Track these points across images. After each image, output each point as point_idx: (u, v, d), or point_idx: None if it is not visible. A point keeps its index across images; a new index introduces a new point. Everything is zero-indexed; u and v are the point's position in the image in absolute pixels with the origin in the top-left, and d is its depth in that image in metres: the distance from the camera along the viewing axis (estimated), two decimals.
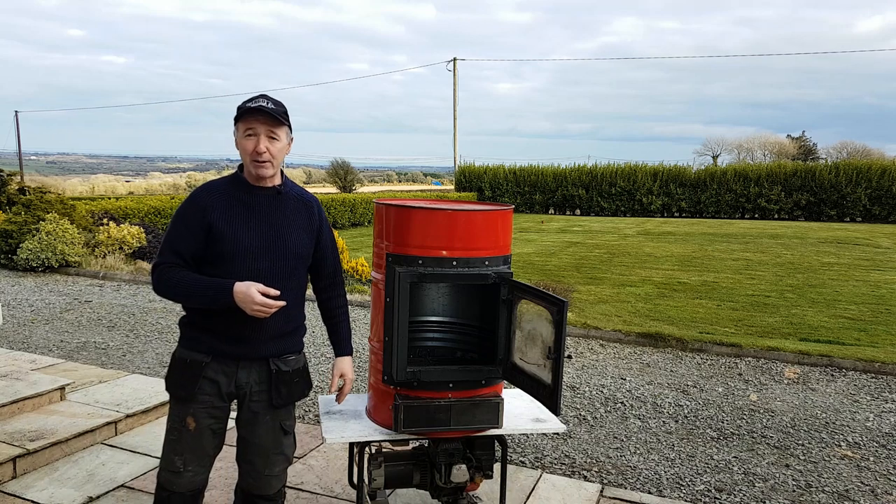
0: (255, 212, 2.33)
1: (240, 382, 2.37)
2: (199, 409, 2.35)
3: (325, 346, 6.58)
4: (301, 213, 2.43)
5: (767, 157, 57.02)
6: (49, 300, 8.63)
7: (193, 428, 2.35)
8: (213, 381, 2.34)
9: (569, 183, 32.41)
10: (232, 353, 2.35)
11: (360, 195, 26.20)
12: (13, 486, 3.40)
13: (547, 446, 4.27)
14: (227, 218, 2.29)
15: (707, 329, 7.42)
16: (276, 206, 2.37)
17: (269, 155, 2.26)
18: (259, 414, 2.41)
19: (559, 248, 16.01)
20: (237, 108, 2.27)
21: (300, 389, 2.49)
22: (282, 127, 2.29)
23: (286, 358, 2.44)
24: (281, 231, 2.36)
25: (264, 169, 2.29)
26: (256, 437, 2.43)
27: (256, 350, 2.36)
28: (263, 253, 2.32)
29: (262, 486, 2.48)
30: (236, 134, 2.30)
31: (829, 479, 3.89)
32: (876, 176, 27.90)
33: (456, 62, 36.19)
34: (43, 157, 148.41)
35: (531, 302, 2.48)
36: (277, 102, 2.29)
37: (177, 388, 2.38)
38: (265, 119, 2.24)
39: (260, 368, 2.39)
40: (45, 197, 12.81)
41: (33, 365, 4.95)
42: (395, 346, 2.51)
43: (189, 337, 2.39)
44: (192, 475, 2.39)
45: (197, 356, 2.34)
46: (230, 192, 2.34)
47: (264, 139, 2.25)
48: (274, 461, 2.47)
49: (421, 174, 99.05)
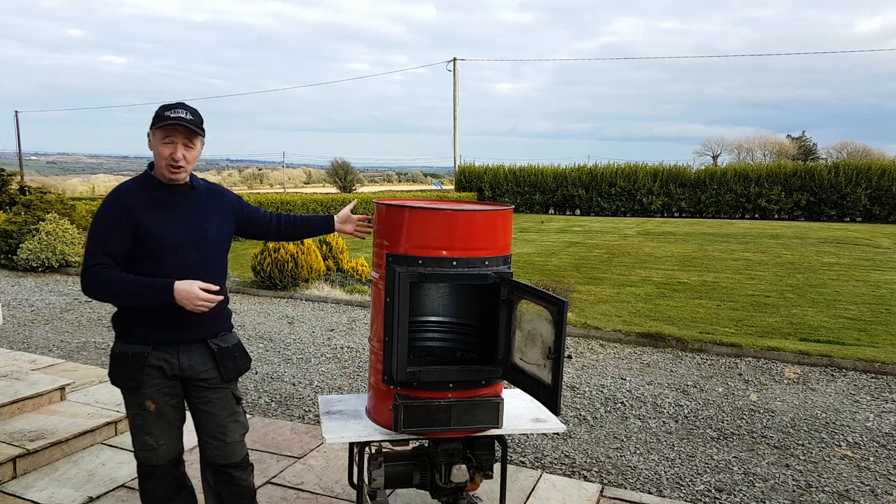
0: (176, 208, 2.46)
1: (182, 366, 2.49)
2: (153, 391, 2.46)
3: (324, 347, 6.58)
4: (214, 203, 2.59)
5: (767, 157, 57.04)
6: (49, 300, 8.63)
7: (154, 409, 2.46)
8: (157, 367, 2.45)
9: (569, 183, 32.41)
10: (172, 340, 2.46)
11: (360, 195, 26.21)
12: (13, 486, 3.40)
13: (547, 446, 4.27)
14: (152, 216, 2.39)
15: (707, 329, 7.42)
16: (193, 201, 2.51)
17: (184, 161, 2.41)
18: (211, 390, 2.55)
19: (559, 248, 16.01)
20: (157, 114, 2.39)
21: (244, 362, 2.65)
22: (198, 137, 2.45)
23: (223, 336, 2.58)
24: (201, 223, 2.49)
25: (179, 174, 2.43)
26: (213, 409, 2.56)
27: (194, 334, 2.50)
28: (190, 245, 2.44)
29: (228, 453, 2.60)
30: (152, 137, 2.42)
31: (829, 479, 3.89)
32: (876, 176, 27.88)
33: (456, 62, 36.20)
34: (43, 157, 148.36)
35: (531, 302, 2.48)
36: (195, 112, 2.44)
37: (124, 380, 2.48)
38: (183, 130, 2.39)
39: (199, 350, 2.52)
40: (46, 197, 12.82)
41: (33, 365, 4.95)
42: (395, 346, 2.51)
43: (126, 331, 2.47)
44: (165, 447, 2.52)
45: (137, 348, 2.44)
46: (148, 192, 2.45)
47: (181, 147, 2.40)
48: (233, 428, 2.60)
49: (421, 174, 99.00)
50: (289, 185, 75.60)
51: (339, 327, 7.44)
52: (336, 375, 5.69)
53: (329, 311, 8.27)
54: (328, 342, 6.76)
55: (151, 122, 2.42)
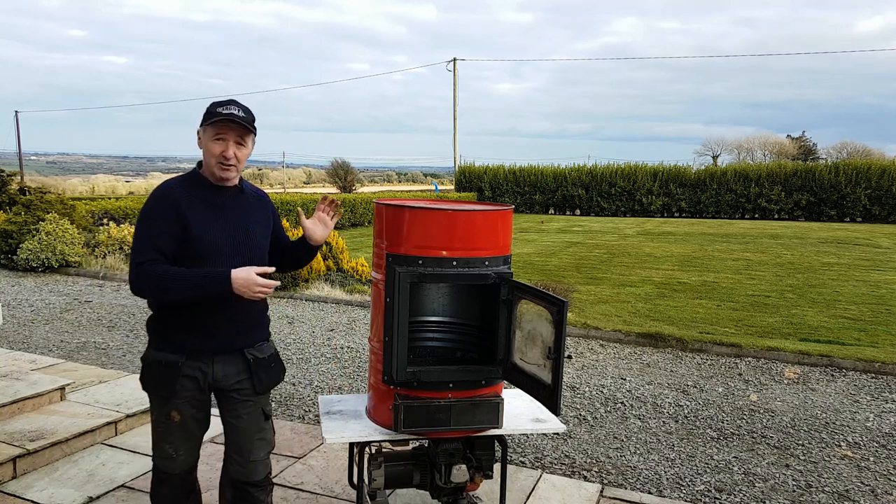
0: (223, 210, 2.39)
1: (217, 376, 2.42)
2: (182, 402, 2.40)
3: (324, 347, 6.58)
4: (259, 208, 2.53)
5: (767, 157, 57.05)
6: (49, 300, 8.63)
7: (179, 420, 2.42)
8: (191, 377, 2.39)
9: (569, 183, 32.41)
10: (207, 348, 2.39)
11: (360, 195, 26.21)
12: (13, 486, 3.40)
13: (547, 446, 4.27)
14: (199, 217, 2.33)
15: (707, 329, 7.42)
16: (240, 204, 2.45)
17: (235, 160, 2.34)
18: (242, 402, 2.48)
19: (559, 248, 16.01)
20: (208, 111, 2.32)
21: (278, 374, 2.57)
22: (250, 135, 2.38)
23: (259, 346, 2.51)
24: (247, 228, 2.44)
25: (230, 172, 2.36)
26: (242, 424, 2.50)
27: (231, 343, 2.42)
28: (234, 250, 2.38)
29: (249, 472, 2.54)
30: (202, 134, 2.34)
31: (829, 479, 3.89)
32: (876, 176, 27.90)
33: (456, 62, 36.20)
34: (43, 157, 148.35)
35: (531, 302, 2.48)
36: (247, 110, 2.36)
37: (156, 389, 2.42)
38: (237, 127, 2.32)
39: (235, 360, 2.45)
40: (46, 197, 12.82)
41: (33, 365, 4.95)
42: (395, 347, 2.51)
43: (161, 337, 2.41)
44: (184, 458, 2.49)
45: (171, 356, 2.37)
46: (195, 192, 2.37)
47: (233, 145, 2.33)
48: (258, 446, 2.54)
49: (421, 174, 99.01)
50: (289, 185, 75.63)
51: (339, 327, 7.44)
52: (336, 375, 5.69)
53: (329, 311, 8.27)
54: (328, 342, 6.76)
55: (202, 119, 2.34)
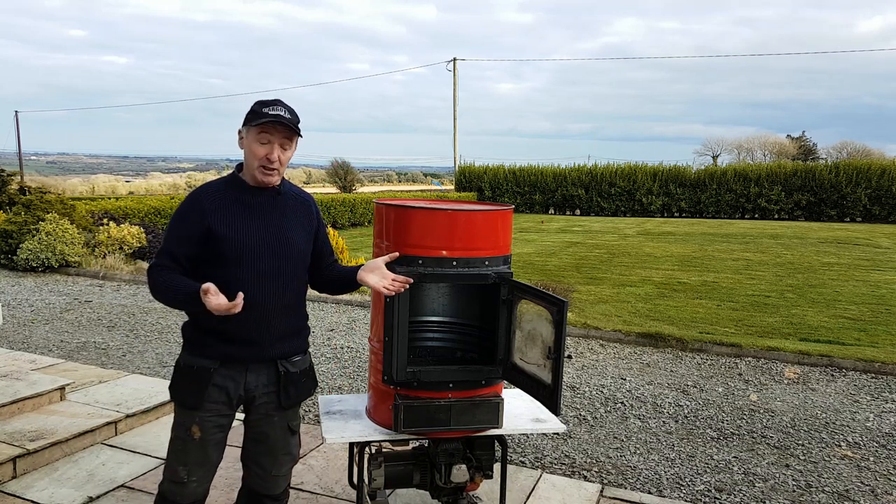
0: (257, 212, 2.29)
1: (248, 386, 2.33)
2: (206, 417, 2.29)
3: (324, 347, 6.58)
4: (300, 211, 2.41)
5: (767, 157, 57.03)
6: (49, 300, 8.63)
7: (199, 437, 2.29)
8: (221, 387, 2.29)
9: (569, 183, 32.41)
10: (241, 357, 2.30)
11: (360, 195, 26.20)
12: (13, 486, 3.40)
13: (547, 446, 4.27)
14: (228, 220, 2.25)
15: (707, 329, 7.41)
16: (277, 206, 2.34)
17: (279, 163, 2.25)
18: (268, 416, 2.38)
19: (559, 248, 16.01)
20: (253, 111, 2.23)
21: (307, 389, 2.46)
22: (295, 137, 2.28)
23: (293, 359, 2.40)
24: (283, 231, 2.33)
25: (272, 176, 2.27)
26: (266, 438, 2.41)
27: (265, 352, 2.32)
28: (267, 254, 2.28)
29: (270, 486, 2.47)
30: (246, 134, 2.25)
31: (829, 479, 3.89)
32: (876, 176, 27.89)
33: (456, 62, 36.19)
34: (43, 157, 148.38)
35: (531, 302, 2.48)
36: (292, 111, 2.26)
37: (184, 396, 2.32)
38: (283, 129, 2.22)
39: (268, 370, 2.35)
40: (46, 197, 12.82)
41: (33, 365, 4.95)
42: (395, 346, 2.51)
43: (195, 342, 2.32)
44: (195, 485, 2.34)
45: (205, 362, 2.28)
46: (230, 194, 2.30)
47: (278, 148, 2.23)
48: (282, 461, 2.46)
49: (421, 174, 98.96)
50: None
51: (339, 327, 7.44)
52: (336, 375, 5.69)
53: (329, 311, 8.27)
54: (328, 342, 6.76)
55: (245, 119, 2.24)
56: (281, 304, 2.32)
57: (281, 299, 2.32)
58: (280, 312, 2.31)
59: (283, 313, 2.32)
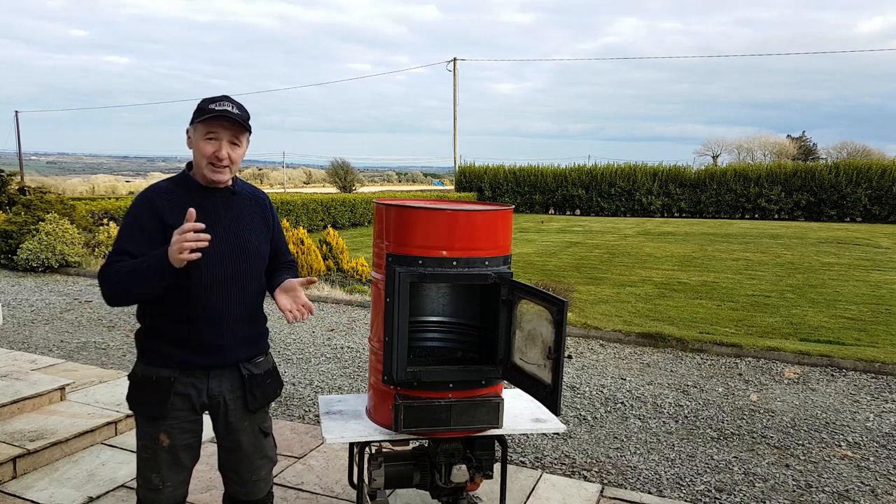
0: (211, 214, 2.18)
1: (212, 393, 2.25)
2: (172, 425, 2.21)
3: (324, 347, 6.58)
4: (256, 212, 2.35)
5: (767, 157, 57.03)
6: (49, 300, 8.63)
7: (167, 445, 2.21)
8: (183, 395, 2.21)
9: (569, 183, 32.43)
10: (202, 364, 2.22)
11: (360, 195, 26.21)
12: (13, 486, 3.40)
13: (547, 446, 4.27)
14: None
15: (707, 329, 7.41)
16: (233, 207, 2.27)
17: (229, 161, 2.17)
18: (237, 422, 2.32)
19: (559, 248, 16.01)
20: (199, 108, 2.15)
21: (273, 390, 2.41)
22: (245, 133, 2.21)
23: (256, 361, 2.35)
24: (241, 233, 2.26)
25: (222, 174, 2.19)
26: (238, 445, 2.35)
27: (227, 357, 2.25)
28: (223, 257, 2.19)
29: (250, 491, 2.43)
30: (193, 133, 2.17)
31: (829, 479, 3.89)
32: (876, 176, 27.90)
33: (456, 62, 36.19)
34: (43, 157, 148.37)
35: (531, 302, 2.48)
36: (241, 107, 2.19)
37: (145, 407, 2.22)
38: (230, 125, 2.14)
39: (231, 375, 2.28)
40: (45, 197, 12.83)
41: (33, 365, 4.95)
42: (395, 346, 2.51)
43: (152, 351, 2.22)
44: (172, 489, 2.27)
45: (164, 372, 2.19)
46: (182, 194, 2.19)
47: (227, 145, 2.16)
48: (259, 465, 2.41)
49: (421, 174, 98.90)
50: (289, 185, 75.67)
51: (339, 327, 7.44)
52: (336, 375, 5.69)
53: (329, 311, 8.27)
54: (328, 342, 6.76)
55: (192, 117, 2.16)
56: (241, 308, 2.26)
57: (241, 303, 2.25)
58: (240, 316, 2.25)
59: (243, 317, 2.26)
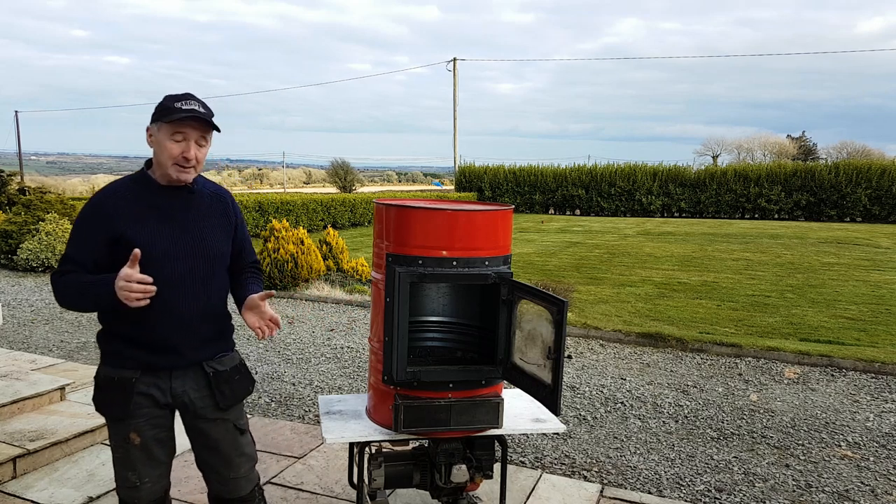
0: (169, 214, 2.18)
1: (175, 392, 2.23)
2: (140, 423, 2.20)
3: (324, 347, 6.58)
4: (216, 210, 2.31)
5: (767, 157, 57.02)
6: (49, 300, 8.62)
7: (139, 443, 2.21)
8: (146, 395, 2.19)
9: (569, 183, 32.43)
10: (163, 365, 2.20)
11: (360, 195, 26.21)
12: (13, 486, 3.40)
13: (547, 446, 4.27)
14: (138, 223, 2.13)
15: (707, 329, 7.42)
16: (191, 205, 2.23)
17: (195, 161, 2.15)
18: (208, 420, 2.29)
19: (559, 248, 16.01)
20: (164, 105, 2.11)
21: (244, 386, 2.37)
22: (211, 132, 2.18)
23: (220, 358, 2.32)
24: (198, 232, 2.22)
25: (188, 175, 2.16)
26: (213, 443, 2.33)
27: (189, 357, 2.23)
28: (182, 257, 2.17)
29: (233, 489, 2.40)
30: (156, 132, 2.12)
31: (829, 479, 3.89)
32: (876, 176, 27.89)
33: (456, 62, 36.19)
34: (43, 157, 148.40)
35: (531, 302, 2.48)
36: (206, 106, 2.15)
37: (110, 408, 2.21)
38: (199, 125, 2.12)
39: (195, 374, 2.25)
40: (45, 197, 12.84)
41: (33, 365, 4.95)
42: (395, 346, 2.51)
43: (113, 352, 2.21)
44: (150, 485, 2.26)
45: (125, 373, 2.17)
46: (138, 194, 2.17)
47: (194, 145, 2.13)
48: (238, 463, 2.38)
49: (421, 174, 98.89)
50: (289, 185, 75.71)
51: (339, 327, 7.45)
52: (336, 375, 5.69)
53: (329, 311, 8.27)
54: (328, 342, 6.76)
55: (154, 115, 2.12)
56: (201, 309, 2.23)
57: (200, 304, 2.23)
58: (200, 317, 2.23)
59: (203, 317, 2.24)
